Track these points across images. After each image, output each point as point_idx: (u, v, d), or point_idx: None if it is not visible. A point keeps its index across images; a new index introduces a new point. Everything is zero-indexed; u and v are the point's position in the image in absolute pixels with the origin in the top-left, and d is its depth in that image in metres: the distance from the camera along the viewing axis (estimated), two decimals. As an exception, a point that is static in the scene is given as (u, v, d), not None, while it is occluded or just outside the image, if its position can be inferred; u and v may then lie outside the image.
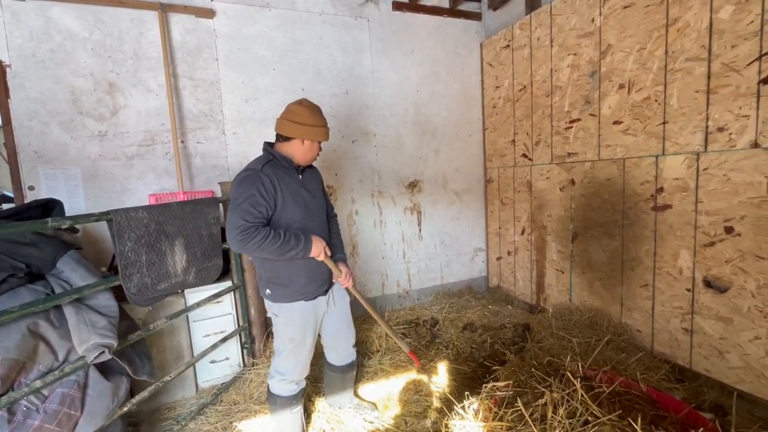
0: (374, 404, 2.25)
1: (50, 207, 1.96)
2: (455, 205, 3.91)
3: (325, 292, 1.91)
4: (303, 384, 1.94)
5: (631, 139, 2.45)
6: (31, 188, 2.57)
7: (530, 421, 1.09)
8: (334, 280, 1.95)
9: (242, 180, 1.66)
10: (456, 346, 2.88)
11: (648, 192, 2.38)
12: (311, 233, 1.76)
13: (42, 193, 2.56)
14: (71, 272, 1.74)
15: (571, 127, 2.88)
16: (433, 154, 3.76)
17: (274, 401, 1.88)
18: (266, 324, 2.92)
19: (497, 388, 1.33)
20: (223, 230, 2.54)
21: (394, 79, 3.54)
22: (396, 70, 3.53)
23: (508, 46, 3.44)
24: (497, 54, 3.60)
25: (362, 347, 2.91)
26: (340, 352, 2.08)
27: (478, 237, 4.06)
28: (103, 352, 1.60)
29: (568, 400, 1.15)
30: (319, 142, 1.80)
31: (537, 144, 3.23)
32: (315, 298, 1.86)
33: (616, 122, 2.54)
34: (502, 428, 1.12)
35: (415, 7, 3.54)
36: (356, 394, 2.32)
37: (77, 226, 2.18)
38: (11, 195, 6.76)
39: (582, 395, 1.14)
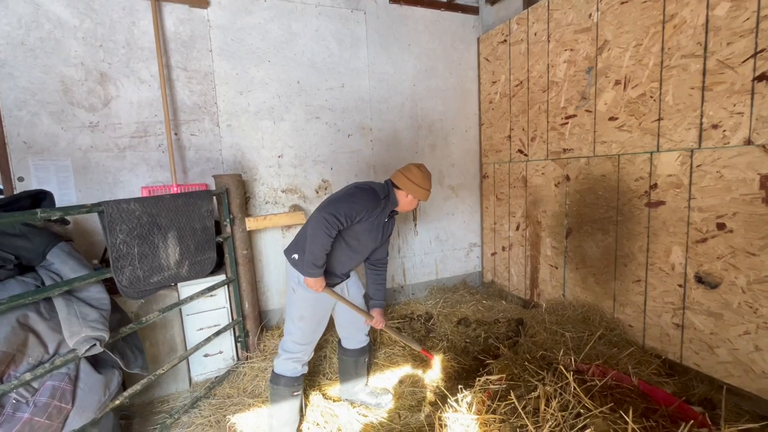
0: (387, 389, 2.33)
1: (40, 198, 1.93)
2: (451, 201, 3.91)
3: (341, 282, 2.09)
4: (306, 368, 2.02)
5: (626, 136, 2.46)
6: (21, 179, 2.53)
7: (523, 414, 1.09)
8: (365, 323, 2.18)
9: (367, 194, 1.88)
10: (450, 340, 2.89)
11: (642, 188, 2.39)
12: (351, 259, 2.00)
13: (32, 185, 2.52)
14: (61, 264, 1.71)
15: (567, 123, 2.88)
16: (429, 149, 3.75)
17: (277, 381, 1.94)
18: (260, 318, 2.92)
19: (490, 381, 1.34)
20: (217, 223, 2.53)
21: (391, 73, 3.51)
22: (393, 63, 3.51)
23: (505, 41, 3.43)
24: (494, 49, 3.58)
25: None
26: (354, 337, 2.20)
27: (473, 232, 4.07)
28: (95, 344, 1.58)
29: (560, 393, 1.15)
30: (419, 201, 2.03)
31: (533, 140, 3.23)
32: (334, 285, 2.04)
33: (611, 118, 2.54)
34: (495, 420, 1.12)
35: (413, 1, 3.51)
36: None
37: (68, 218, 2.15)
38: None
39: (574, 388, 1.15)
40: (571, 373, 1.21)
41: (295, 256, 1.94)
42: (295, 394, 1.96)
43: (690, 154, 2.13)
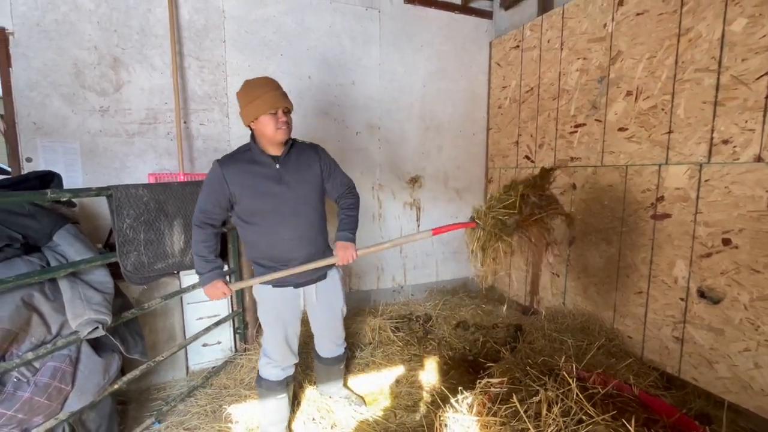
0: (362, 398, 2.24)
1: (48, 179, 1.93)
2: (455, 203, 3.91)
3: (297, 285, 1.80)
4: (289, 371, 1.91)
5: (635, 147, 2.46)
6: (29, 160, 2.53)
7: (525, 417, 1.09)
8: (337, 265, 1.87)
9: (209, 171, 1.68)
10: (448, 342, 2.89)
11: (648, 200, 2.39)
12: (281, 233, 1.69)
13: (39, 166, 2.52)
14: (68, 246, 1.71)
15: (576, 132, 2.88)
16: (435, 151, 3.75)
17: (260, 384, 1.89)
18: (260, 310, 2.91)
19: (492, 384, 1.34)
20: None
21: (402, 73, 3.51)
22: (404, 63, 3.51)
23: (517, 46, 3.43)
24: (506, 54, 3.58)
25: (355, 338, 2.92)
26: (325, 346, 2.08)
27: (476, 236, 4.06)
28: (97, 327, 1.58)
29: (562, 399, 1.16)
30: (274, 114, 1.57)
31: (540, 147, 3.23)
32: (284, 286, 1.77)
33: (621, 129, 2.54)
34: (495, 423, 1.12)
35: (427, 2, 3.51)
36: (346, 386, 2.32)
37: (75, 200, 2.15)
38: (3, 166, 6.65)
39: (577, 394, 1.15)
40: (574, 379, 1.21)
41: (252, 267, 1.81)
42: (279, 397, 1.88)
43: (699, 168, 2.13)
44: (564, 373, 1.27)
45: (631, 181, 2.50)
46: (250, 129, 1.69)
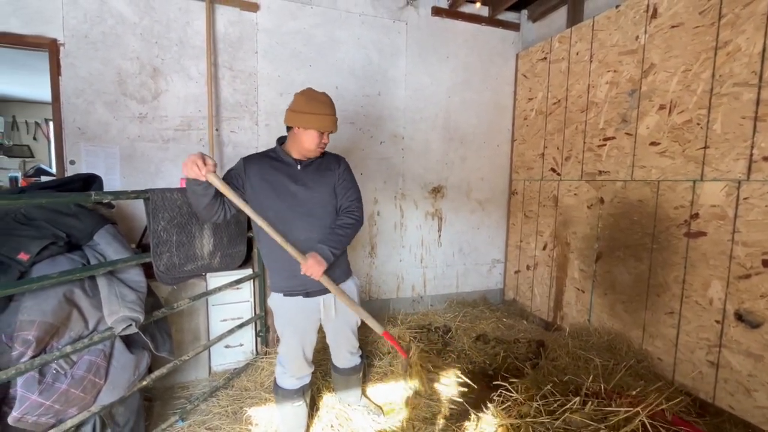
0: (381, 408, 2.23)
1: (90, 182, 2.04)
2: (477, 214, 3.88)
3: (308, 294, 1.76)
4: (305, 380, 1.90)
5: (667, 162, 2.39)
6: (72, 162, 2.68)
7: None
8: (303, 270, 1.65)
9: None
10: (468, 355, 2.85)
11: (682, 217, 2.31)
12: (292, 233, 1.66)
13: (82, 168, 2.66)
14: (106, 245, 1.80)
15: (605, 145, 2.82)
16: (459, 161, 3.75)
17: (276, 391, 1.90)
18: (281, 315, 2.96)
19: (519, 401, 1.31)
20: (248, 218, 2.60)
21: (427, 84, 3.54)
22: (430, 74, 3.54)
23: (545, 58, 3.40)
24: (533, 66, 3.56)
25: (373, 347, 2.91)
26: (340, 357, 2.07)
27: (497, 248, 4.01)
28: (130, 325, 1.65)
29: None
30: (320, 132, 1.67)
31: (567, 159, 3.17)
32: (294, 295, 1.74)
33: (653, 143, 2.48)
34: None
35: (454, 14, 3.55)
36: (364, 395, 2.32)
37: (113, 202, 2.26)
38: (47, 168, 7.05)
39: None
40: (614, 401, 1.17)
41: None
42: (297, 405, 1.87)
43: (737, 186, 2.04)
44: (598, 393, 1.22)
45: (663, 196, 2.42)
46: (287, 128, 1.76)
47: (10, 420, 1.39)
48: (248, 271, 2.65)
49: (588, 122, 2.96)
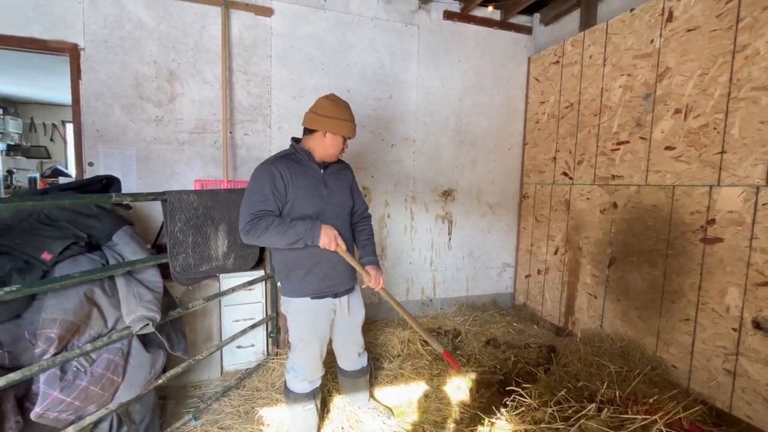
0: (390, 410, 2.23)
1: (109, 183, 2.09)
2: (487, 218, 3.87)
3: (336, 295, 1.82)
4: (317, 383, 1.92)
5: (683, 166, 2.36)
6: (91, 164, 2.74)
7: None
8: (363, 285, 1.89)
9: (254, 174, 1.69)
10: (478, 359, 2.84)
11: (698, 223, 2.28)
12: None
13: (100, 170, 2.72)
14: (125, 246, 1.84)
15: (618, 149, 2.80)
16: (470, 164, 3.74)
17: (287, 395, 1.90)
18: (292, 316, 2.98)
19: (532, 407, 1.30)
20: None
21: (439, 87, 3.55)
22: (441, 78, 3.55)
23: (557, 62, 3.39)
24: (545, 69, 3.55)
25: (383, 350, 2.92)
26: (347, 359, 2.07)
27: (508, 252, 3.99)
28: (148, 324, 1.68)
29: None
30: (344, 138, 1.74)
31: (579, 163, 3.15)
32: (323, 297, 1.79)
33: (668, 147, 2.45)
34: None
35: (466, 18, 3.55)
36: (373, 397, 2.32)
37: (130, 203, 2.31)
38: (63, 169, 7.21)
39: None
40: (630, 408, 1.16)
41: (279, 284, 1.82)
42: (307, 408, 1.88)
43: (755, 191, 2.01)
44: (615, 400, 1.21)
45: (678, 201, 2.39)
46: (306, 131, 1.76)
47: (32, 416, 1.43)
48: (260, 273, 2.67)
49: (601, 126, 2.94)
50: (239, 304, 2.64)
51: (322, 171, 1.79)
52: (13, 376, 1.31)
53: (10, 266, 1.51)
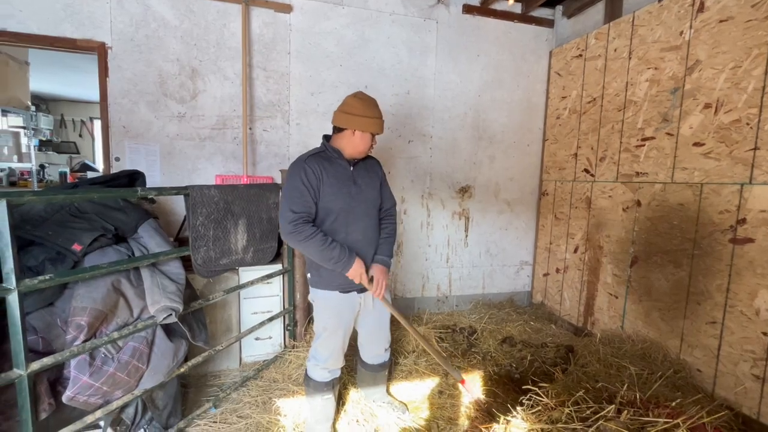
0: (405, 405, 2.25)
1: (135, 178, 2.16)
2: (505, 215, 3.82)
3: (361, 291, 1.89)
4: (336, 374, 1.96)
5: (712, 164, 2.27)
6: (117, 159, 2.84)
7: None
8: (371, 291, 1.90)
9: (290, 171, 1.75)
10: (493, 358, 2.82)
11: (727, 222, 2.19)
12: (351, 230, 1.78)
13: (126, 165, 2.82)
14: (149, 239, 1.90)
15: (643, 146, 2.71)
16: (487, 161, 3.70)
17: (308, 383, 1.94)
18: (309, 310, 3.03)
19: (549, 406, 1.29)
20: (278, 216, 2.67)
21: (457, 82, 3.51)
22: (459, 73, 3.51)
23: (580, 55, 3.30)
24: (567, 63, 3.46)
25: (398, 345, 2.93)
26: (372, 352, 2.10)
27: (526, 250, 3.94)
28: (171, 314, 1.74)
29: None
30: (372, 135, 1.78)
31: (602, 160, 3.07)
32: (348, 292, 1.85)
33: (696, 144, 2.36)
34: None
35: (486, 11, 3.49)
36: (388, 392, 2.34)
37: (154, 197, 2.38)
38: (91, 164, 7.48)
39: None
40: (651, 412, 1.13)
41: (309, 275, 1.89)
42: (326, 397, 1.91)
43: (791, 190, 1.92)
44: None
45: (706, 200, 2.30)
46: (335, 130, 1.79)
47: (64, 398, 1.50)
48: (278, 267, 2.72)
49: (625, 121, 2.85)
50: (258, 297, 2.70)
51: (351, 168, 1.83)
52: (47, 361, 1.38)
53: (43, 256, 1.58)
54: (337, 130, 1.79)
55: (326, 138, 1.88)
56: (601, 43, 3.08)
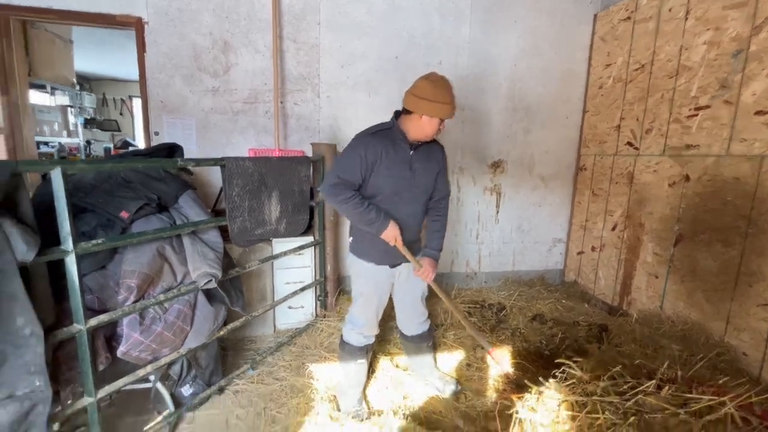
0: (455, 378, 2.25)
1: (174, 150, 2.23)
2: (539, 191, 3.69)
3: (393, 266, 1.92)
4: (370, 340, 2.01)
5: (776, 134, 2.07)
6: (156, 133, 2.94)
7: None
8: (414, 274, 1.92)
9: (353, 142, 1.76)
10: (523, 334, 2.80)
11: (789, 198, 2.02)
12: (395, 212, 1.78)
13: (164, 138, 2.92)
14: (189, 209, 1.98)
15: (696, 115, 2.51)
16: (522, 134, 3.55)
17: (342, 348, 2.01)
18: (339, 281, 3.10)
19: (584, 380, 1.27)
20: (311, 188, 2.70)
21: (491, 51, 3.35)
22: (494, 41, 3.34)
23: (629, 18, 3.05)
24: (614, 27, 3.21)
25: (426, 319, 2.96)
26: (408, 324, 2.14)
27: (560, 227, 3.81)
28: (211, 280, 1.82)
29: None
30: (441, 120, 1.71)
31: (648, 132, 2.87)
32: (383, 265, 1.89)
33: (759, 112, 2.15)
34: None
35: (525, -28, 3.27)
36: (436, 367, 2.30)
37: (192, 169, 2.46)
38: (131, 141, 7.80)
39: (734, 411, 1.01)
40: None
41: (350, 239, 1.94)
42: (360, 362, 1.98)
43: None
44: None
45: (766, 174, 2.12)
46: (406, 111, 1.74)
47: (118, 353, 1.63)
48: (310, 239, 2.78)
49: (677, 90, 2.64)
50: (290, 267, 2.78)
51: (411, 152, 1.79)
52: (103, 317, 1.50)
53: (95, 222, 1.69)
54: (405, 111, 1.75)
55: (396, 114, 1.83)
56: (653, 3, 2.82)
